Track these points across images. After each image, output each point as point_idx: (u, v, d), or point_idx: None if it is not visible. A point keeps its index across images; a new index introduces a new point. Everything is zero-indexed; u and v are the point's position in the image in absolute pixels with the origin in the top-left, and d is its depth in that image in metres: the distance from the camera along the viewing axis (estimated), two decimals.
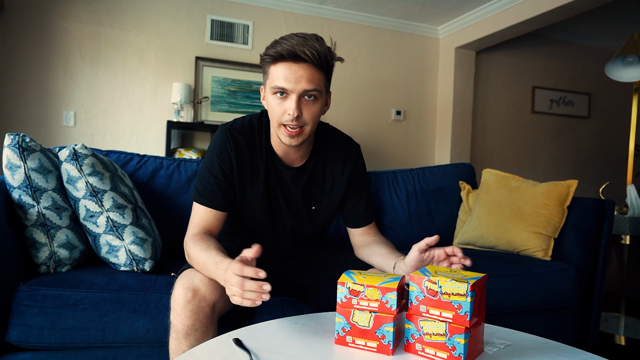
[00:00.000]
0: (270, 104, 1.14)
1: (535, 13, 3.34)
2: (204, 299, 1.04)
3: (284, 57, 1.08)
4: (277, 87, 1.09)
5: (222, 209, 1.20)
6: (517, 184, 2.01)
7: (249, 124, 1.24)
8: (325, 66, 1.12)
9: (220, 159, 1.19)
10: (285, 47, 1.07)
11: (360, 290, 0.86)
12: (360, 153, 1.37)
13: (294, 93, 1.09)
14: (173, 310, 1.04)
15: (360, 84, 4.09)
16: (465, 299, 0.78)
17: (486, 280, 0.86)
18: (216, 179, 1.18)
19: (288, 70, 1.08)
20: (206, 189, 1.18)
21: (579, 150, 4.83)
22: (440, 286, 0.80)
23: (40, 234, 1.30)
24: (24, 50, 3.26)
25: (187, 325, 1.02)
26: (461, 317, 0.78)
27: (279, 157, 1.24)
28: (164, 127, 3.55)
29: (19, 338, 1.18)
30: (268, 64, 1.11)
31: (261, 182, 1.23)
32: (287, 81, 1.08)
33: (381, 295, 0.84)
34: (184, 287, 1.04)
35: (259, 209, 1.25)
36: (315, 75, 1.10)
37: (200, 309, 1.03)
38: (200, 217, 1.18)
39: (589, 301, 1.90)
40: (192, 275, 1.08)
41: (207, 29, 3.66)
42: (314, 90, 1.10)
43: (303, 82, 1.08)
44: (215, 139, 1.22)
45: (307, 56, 1.07)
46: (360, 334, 0.85)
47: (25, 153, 1.29)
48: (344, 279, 0.88)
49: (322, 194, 1.30)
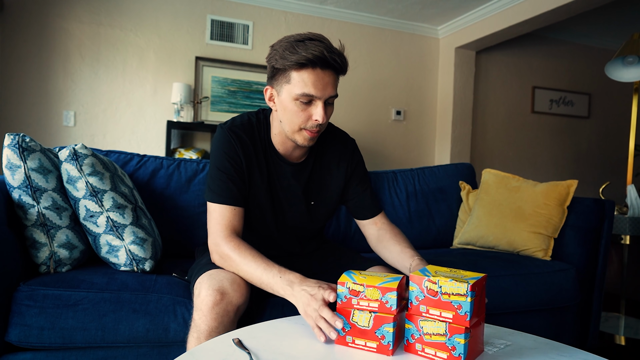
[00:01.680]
0: (290, 109, 1.11)
1: (535, 13, 3.34)
2: (231, 302, 1.04)
3: (314, 64, 1.05)
4: (306, 94, 1.07)
5: (241, 205, 1.19)
6: (517, 184, 2.01)
7: (248, 121, 1.24)
8: (344, 74, 1.13)
9: (229, 156, 1.19)
10: (312, 52, 1.04)
11: (360, 290, 0.86)
12: (356, 147, 1.38)
13: (322, 100, 1.09)
14: (199, 310, 1.03)
15: (360, 84, 4.09)
16: (465, 299, 0.78)
17: (486, 280, 0.86)
18: (229, 176, 1.18)
19: (316, 77, 1.07)
20: (221, 188, 1.17)
21: (579, 150, 4.83)
22: (440, 286, 0.80)
23: (40, 234, 1.30)
24: (24, 51, 3.26)
25: (212, 327, 1.02)
26: (461, 317, 0.78)
27: (279, 154, 1.25)
28: (164, 127, 3.55)
29: (19, 338, 1.18)
30: (291, 68, 1.07)
31: (264, 178, 1.24)
32: (316, 88, 1.07)
33: (381, 295, 0.84)
34: (213, 288, 1.04)
35: (263, 204, 1.26)
36: (336, 81, 1.12)
37: (226, 312, 1.03)
38: (225, 217, 1.16)
39: (589, 301, 1.90)
40: (221, 277, 1.07)
41: (207, 29, 3.66)
42: (335, 95, 1.11)
43: (329, 89, 1.09)
44: (219, 138, 1.21)
45: (336, 63, 1.07)
46: (360, 334, 0.85)
47: (25, 153, 1.28)
48: (344, 279, 0.88)
49: (321, 189, 1.31)
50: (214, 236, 1.15)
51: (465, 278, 0.81)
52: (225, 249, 1.11)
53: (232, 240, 1.12)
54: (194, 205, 1.74)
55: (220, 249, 1.13)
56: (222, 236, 1.13)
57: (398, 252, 1.22)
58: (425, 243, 2.13)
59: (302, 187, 1.28)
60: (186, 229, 1.73)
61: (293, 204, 1.29)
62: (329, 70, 1.08)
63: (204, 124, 3.40)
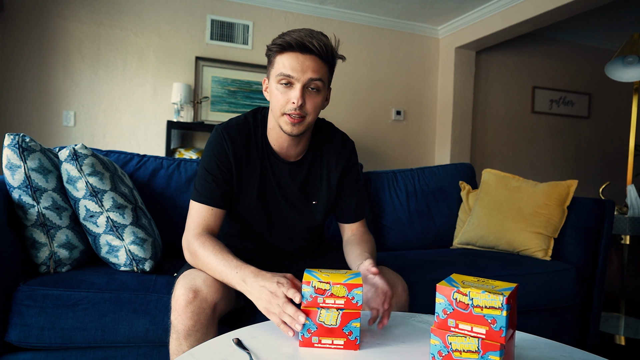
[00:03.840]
0: (273, 93, 1.15)
1: (535, 13, 3.34)
2: (205, 300, 1.04)
3: (292, 47, 1.10)
4: (283, 74, 1.11)
5: (221, 206, 1.20)
6: (517, 184, 2.01)
7: (244, 121, 1.25)
8: (330, 59, 1.15)
9: (217, 158, 1.20)
10: (293, 37, 1.10)
11: (326, 288, 0.85)
12: (355, 150, 1.38)
13: (299, 82, 1.11)
14: (174, 310, 1.04)
15: (360, 84, 4.09)
16: (500, 312, 0.71)
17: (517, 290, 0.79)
18: (214, 177, 1.19)
19: (295, 59, 1.10)
20: (205, 188, 1.19)
21: (579, 150, 4.83)
22: (472, 298, 0.73)
23: (40, 234, 1.30)
24: (24, 50, 3.26)
25: (188, 326, 1.02)
26: (496, 333, 0.71)
27: (275, 152, 1.25)
28: (164, 127, 3.55)
29: (19, 338, 1.18)
30: (275, 53, 1.13)
31: (257, 177, 1.24)
32: (293, 70, 1.10)
33: (347, 291, 0.84)
34: (185, 287, 1.04)
35: (255, 204, 1.25)
36: (321, 67, 1.13)
37: (201, 310, 1.03)
38: (201, 216, 1.18)
39: (589, 301, 1.90)
40: (194, 275, 1.08)
41: (207, 29, 3.66)
42: (318, 80, 1.12)
43: (309, 72, 1.11)
44: (212, 139, 1.22)
45: (314, 47, 1.10)
46: (326, 333, 0.85)
47: (25, 153, 1.28)
48: (309, 278, 0.86)
49: (321, 188, 1.32)
50: (187, 234, 1.16)
51: (497, 289, 0.74)
52: (194, 245, 1.12)
53: (201, 237, 1.13)
54: None
55: (190, 247, 1.14)
56: (194, 234, 1.15)
57: (355, 255, 1.22)
58: (425, 243, 2.13)
59: (299, 185, 1.28)
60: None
61: (290, 202, 1.29)
62: (310, 55, 1.11)
63: (204, 124, 3.40)
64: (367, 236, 1.33)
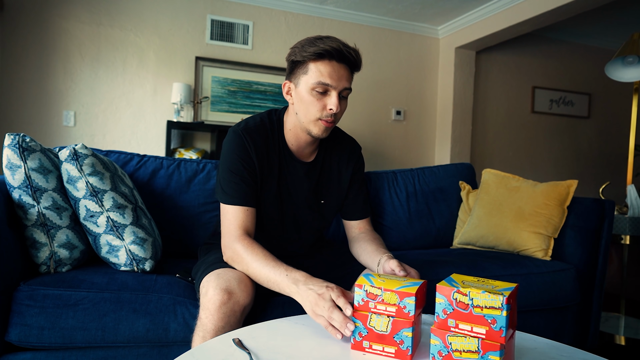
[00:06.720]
0: (306, 99, 1.17)
1: (535, 13, 3.34)
2: (238, 302, 1.05)
3: (331, 55, 1.13)
4: (322, 83, 1.14)
5: (253, 205, 1.22)
6: (517, 184, 2.01)
7: (260, 122, 1.27)
8: (358, 70, 1.21)
9: (242, 159, 1.21)
10: (331, 46, 1.13)
11: (378, 293, 0.83)
12: (361, 153, 1.44)
13: (336, 90, 1.15)
14: (206, 309, 1.04)
15: (360, 84, 4.09)
16: (500, 312, 0.71)
17: (517, 290, 0.80)
18: (242, 177, 1.20)
19: (332, 68, 1.14)
20: (235, 190, 1.19)
21: (579, 150, 4.83)
22: (472, 298, 0.73)
23: (41, 234, 1.30)
24: (24, 50, 3.26)
25: (219, 327, 1.02)
26: (496, 333, 0.72)
27: (292, 153, 1.28)
28: (164, 127, 3.55)
29: (19, 338, 1.18)
30: (308, 60, 1.15)
31: (275, 177, 1.26)
32: (331, 78, 1.14)
33: (399, 299, 0.81)
34: (220, 288, 1.04)
35: (272, 203, 1.28)
36: (350, 76, 1.19)
37: (232, 312, 1.04)
38: (238, 217, 1.19)
39: (589, 301, 1.90)
40: (229, 276, 1.08)
41: (207, 29, 3.66)
42: (349, 89, 1.18)
43: (343, 81, 1.16)
44: (232, 141, 1.23)
45: (352, 57, 1.15)
46: (377, 339, 0.83)
47: (25, 153, 1.28)
48: (362, 281, 0.85)
49: (330, 188, 1.35)
50: (227, 236, 1.17)
51: (497, 289, 0.74)
52: (237, 247, 1.14)
53: (244, 240, 1.15)
54: (194, 205, 1.74)
55: (232, 248, 1.15)
56: (235, 236, 1.16)
57: (371, 250, 1.24)
58: (425, 243, 2.13)
59: (313, 185, 1.31)
60: (186, 229, 1.73)
61: (303, 202, 1.31)
62: (344, 64, 1.16)
63: (204, 124, 3.40)
64: (376, 234, 1.36)
